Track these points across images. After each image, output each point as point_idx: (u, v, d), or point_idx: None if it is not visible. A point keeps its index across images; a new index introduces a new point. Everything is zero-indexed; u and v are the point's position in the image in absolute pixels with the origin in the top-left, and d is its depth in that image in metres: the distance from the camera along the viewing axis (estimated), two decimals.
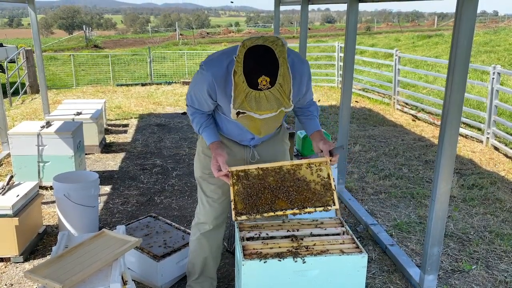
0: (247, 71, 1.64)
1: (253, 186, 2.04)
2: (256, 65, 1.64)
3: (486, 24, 37.68)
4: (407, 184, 4.77)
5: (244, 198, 2.01)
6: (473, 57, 13.40)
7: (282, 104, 1.66)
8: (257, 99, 1.63)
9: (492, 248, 3.47)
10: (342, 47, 10.20)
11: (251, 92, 1.63)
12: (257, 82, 1.62)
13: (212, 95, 1.99)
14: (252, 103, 1.64)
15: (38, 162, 4.39)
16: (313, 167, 2.10)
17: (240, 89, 1.66)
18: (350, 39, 4.02)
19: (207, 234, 2.44)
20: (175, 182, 4.78)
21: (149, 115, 8.09)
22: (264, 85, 1.62)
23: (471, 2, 2.31)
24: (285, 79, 1.65)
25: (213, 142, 2.12)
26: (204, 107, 2.12)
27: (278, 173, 2.08)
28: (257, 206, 2.01)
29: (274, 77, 1.63)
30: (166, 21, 64.54)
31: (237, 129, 2.18)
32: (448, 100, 2.48)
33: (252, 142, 2.24)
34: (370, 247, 3.44)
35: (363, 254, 1.94)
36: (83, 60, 15.45)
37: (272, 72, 1.63)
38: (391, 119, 7.86)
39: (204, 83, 1.97)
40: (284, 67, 1.66)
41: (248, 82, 1.63)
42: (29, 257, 3.21)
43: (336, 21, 71.09)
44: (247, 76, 1.63)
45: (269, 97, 1.63)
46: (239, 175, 2.06)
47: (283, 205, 2.01)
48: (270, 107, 1.64)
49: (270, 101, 1.63)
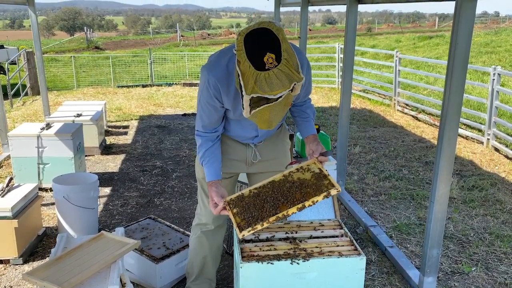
0: (251, 55, 1.60)
1: (250, 203, 2.02)
2: (258, 45, 1.61)
3: (487, 24, 37.64)
4: (407, 186, 4.77)
5: (244, 215, 1.99)
6: (474, 58, 13.39)
7: (293, 78, 1.61)
8: (267, 80, 1.58)
9: (492, 250, 3.46)
10: (342, 48, 10.19)
11: (260, 74, 1.58)
12: (263, 62, 1.58)
13: (218, 98, 1.98)
14: (264, 85, 1.58)
15: (38, 164, 4.39)
16: (303, 169, 2.09)
17: (248, 75, 1.60)
18: (349, 40, 4.03)
19: (208, 233, 2.45)
20: (175, 184, 4.78)
21: (149, 116, 8.10)
22: (271, 63, 1.58)
23: (469, 3, 2.31)
24: (290, 54, 1.62)
25: (212, 181, 2.11)
26: (214, 117, 2.08)
27: (271, 187, 2.07)
28: (259, 217, 1.96)
29: (279, 53, 1.59)
30: (167, 23, 64.67)
31: (241, 130, 2.18)
32: (447, 101, 2.48)
33: (255, 140, 2.25)
34: (370, 248, 3.43)
35: (361, 256, 1.93)
36: (84, 61, 15.47)
37: (276, 48, 1.60)
38: (391, 120, 7.85)
39: (208, 87, 1.97)
40: (286, 43, 1.63)
41: (254, 66, 1.58)
42: (29, 259, 3.22)
43: (337, 22, 71.13)
44: (252, 60, 1.59)
45: (279, 75, 1.58)
46: (234, 201, 2.06)
47: (285, 208, 1.98)
48: (282, 84, 1.58)
49: (281, 79, 1.58)
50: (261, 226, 1.92)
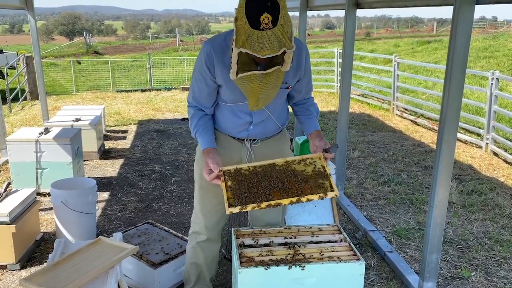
0: (249, 12, 1.63)
1: (245, 180, 1.97)
2: (258, 4, 1.63)
3: (485, 29, 37.79)
4: (406, 190, 4.76)
5: (236, 191, 1.94)
6: (472, 63, 13.43)
7: (284, 44, 1.63)
8: (259, 39, 1.61)
9: (492, 255, 3.45)
10: (341, 53, 10.23)
11: (253, 32, 1.61)
12: (259, 21, 1.61)
13: (210, 68, 1.98)
14: (255, 43, 1.61)
15: (36, 169, 4.38)
16: (307, 162, 2.06)
17: (242, 31, 1.64)
18: (348, 45, 4.04)
19: (202, 244, 2.41)
20: (174, 189, 4.77)
21: (148, 121, 8.10)
22: (266, 23, 1.61)
23: (467, 8, 2.32)
24: (286, 21, 1.65)
25: (207, 148, 2.08)
26: (203, 91, 2.07)
27: (271, 169, 2.02)
28: (251, 197, 1.91)
29: (276, 17, 1.62)
30: (167, 27, 64.83)
31: (234, 117, 2.13)
32: (446, 106, 2.48)
33: (251, 130, 2.16)
34: (369, 253, 3.42)
35: (360, 262, 1.93)
36: (83, 66, 15.49)
37: (274, 11, 1.62)
38: (390, 125, 7.86)
39: (202, 56, 1.99)
40: (285, 11, 1.66)
41: (250, 23, 1.61)
42: (26, 264, 3.20)
43: (335, 27, 71.34)
44: (249, 17, 1.62)
45: (271, 37, 1.61)
46: (230, 173, 2.01)
47: (278, 196, 1.93)
48: (271, 47, 1.61)
49: (272, 41, 1.61)
50: (251, 208, 1.88)
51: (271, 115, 2.15)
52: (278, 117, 2.19)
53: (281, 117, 2.22)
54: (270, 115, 2.14)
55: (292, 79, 2.06)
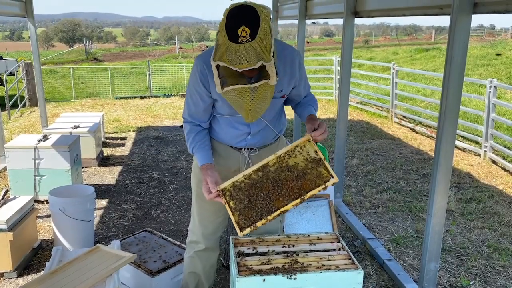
0: (228, 25, 1.65)
1: (246, 196, 1.96)
2: (237, 17, 1.65)
3: (483, 37, 38.01)
4: (405, 198, 4.76)
5: (241, 212, 1.94)
6: (470, 71, 13.49)
7: (262, 57, 1.63)
8: (237, 53, 1.62)
9: (490, 263, 3.44)
10: (340, 60, 10.27)
11: (231, 45, 1.62)
12: (237, 34, 1.62)
13: (205, 84, 1.99)
14: (232, 56, 1.63)
15: (35, 176, 4.37)
16: (297, 150, 2.02)
17: (221, 43, 1.66)
18: (346, 53, 4.06)
19: (199, 253, 2.39)
20: (172, 196, 4.76)
21: (147, 128, 8.10)
22: (244, 36, 1.61)
23: (464, 17, 2.34)
24: (266, 35, 1.65)
25: (205, 164, 2.05)
26: (199, 107, 2.07)
27: (266, 171, 1.99)
28: (257, 213, 1.92)
29: (255, 30, 1.63)
30: (166, 35, 65.00)
31: (232, 128, 2.14)
32: (444, 114, 2.49)
33: (249, 140, 2.17)
34: (368, 262, 3.41)
35: (359, 270, 1.92)
36: (82, 73, 15.52)
37: (252, 25, 1.63)
38: (389, 132, 7.87)
39: (196, 73, 2.00)
40: (265, 24, 1.65)
41: (228, 36, 1.63)
42: (23, 272, 3.18)
43: (334, 35, 71.66)
44: (228, 30, 1.64)
45: (249, 50, 1.61)
46: (230, 191, 1.99)
47: (281, 202, 1.92)
48: (249, 60, 1.62)
49: (249, 54, 1.62)
50: (261, 224, 1.90)
51: (269, 124, 2.15)
52: (275, 124, 2.20)
53: (278, 124, 2.22)
54: (268, 124, 2.15)
55: (287, 87, 2.06)
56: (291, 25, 70.52)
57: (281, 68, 1.95)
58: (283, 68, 1.97)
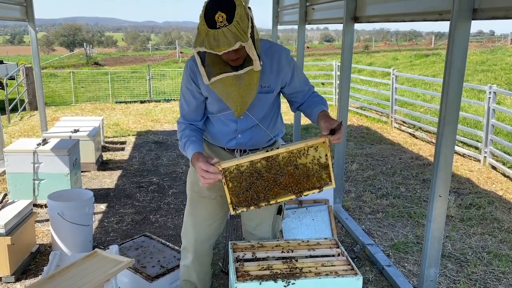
0: (206, 13, 1.71)
1: (246, 179, 1.93)
2: (213, 4, 1.71)
3: (483, 43, 38.10)
4: (405, 203, 4.75)
5: (238, 193, 1.93)
6: (470, 76, 13.51)
7: (240, 38, 1.69)
8: (215, 37, 1.68)
9: (490, 270, 3.43)
10: (339, 65, 10.29)
11: (209, 31, 1.69)
12: (214, 20, 1.68)
13: (195, 81, 2.04)
14: (211, 42, 1.69)
15: (34, 180, 4.36)
16: (310, 150, 1.97)
17: (200, 31, 1.73)
18: (346, 58, 4.06)
19: (193, 262, 2.36)
20: (171, 201, 4.75)
21: (147, 132, 8.10)
22: (221, 21, 1.68)
23: (463, 23, 2.34)
24: (243, 19, 1.71)
25: (196, 152, 1.96)
26: (192, 104, 2.08)
27: (273, 162, 1.95)
28: (252, 198, 1.93)
29: (231, 15, 1.69)
30: (167, 39, 65.16)
31: (222, 126, 2.14)
32: (443, 119, 2.49)
33: (239, 139, 2.14)
34: (367, 267, 3.40)
35: (358, 276, 1.91)
36: (82, 77, 15.54)
37: (228, 9, 1.69)
38: (388, 138, 7.87)
39: (186, 71, 2.06)
40: (241, 9, 1.71)
41: (207, 23, 1.70)
42: (21, 277, 3.17)
43: (334, 40, 71.83)
44: (206, 17, 1.70)
45: (227, 33, 1.68)
46: (232, 172, 1.92)
47: (278, 193, 1.95)
48: (227, 42, 1.68)
49: (227, 37, 1.68)
50: (253, 208, 1.95)
51: (259, 123, 2.12)
52: (269, 126, 2.16)
53: (272, 127, 2.18)
54: (258, 123, 2.12)
55: (274, 84, 2.05)
56: (291, 30, 70.76)
57: (268, 65, 2.01)
58: (270, 64, 2.02)
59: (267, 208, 2.09)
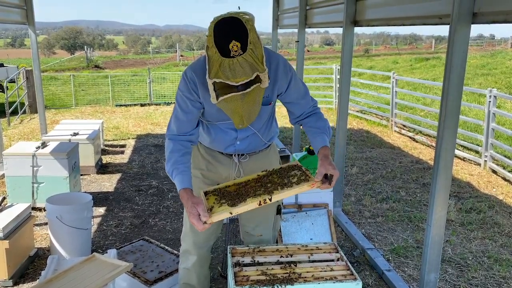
0: (218, 41, 1.67)
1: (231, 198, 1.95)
2: (226, 32, 1.67)
3: (483, 47, 38.16)
4: (405, 208, 4.73)
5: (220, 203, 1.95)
6: (470, 80, 13.52)
7: (257, 68, 1.66)
8: (231, 67, 1.64)
9: (491, 274, 3.41)
10: (339, 69, 10.28)
11: (224, 60, 1.65)
12: (228, 49, 1.64)
13: (194, 90, 1.98)
14: (227, 71, 1.65)
15: (33, 183, 4.35)
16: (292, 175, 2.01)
17: (213, 60, 1.68)
18: (346, 61, 4.06)
19: (193, 265, 2.36)
20: (170, 204, 4.73)
21: (146, 135, 8.09)
22: (235, 51, 1.64)
23: (463, 28, 2.34)
24: (256, 45, 1.68)
25: (185, 188, 1.90)
26: (189, 115, 2.01)
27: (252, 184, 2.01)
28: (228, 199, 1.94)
29: (245, 43, 1.65)
30: (167, 43, 65.25)
31: (221, 133, 2.12)
32: (443, 123, 2.48)
33: (237, 145, 2.14)
34: (367, 272, 3.38)
35: (357, 281, 1.90)
36: (83, 80, 15.55)
37: (242, 37, 1.65)
38: (388, 141, 7.86)
39: (185, 81, 2.00)
40: (253, 33, 1.68)
41: (220, 52, 1.65)
42: (19, 281, 3.15)
43: (335, 44, 71.91)
44: (219, 46, 1.66)
45: (243, 63, 1.64)
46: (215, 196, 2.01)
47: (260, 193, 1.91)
48: (244, 72, 1.65)
49: (244, 67, 1.64)
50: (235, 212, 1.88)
51: (257, 132, 2.13)
52: (264, 133, 2.17)
53: (267, 133, 2.19)
54: (256, 132, 2.13)
55: (271, 93, 2.03)
56: (291, 33, 70.93)
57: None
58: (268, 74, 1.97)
59: (266, 208, 2.07)
